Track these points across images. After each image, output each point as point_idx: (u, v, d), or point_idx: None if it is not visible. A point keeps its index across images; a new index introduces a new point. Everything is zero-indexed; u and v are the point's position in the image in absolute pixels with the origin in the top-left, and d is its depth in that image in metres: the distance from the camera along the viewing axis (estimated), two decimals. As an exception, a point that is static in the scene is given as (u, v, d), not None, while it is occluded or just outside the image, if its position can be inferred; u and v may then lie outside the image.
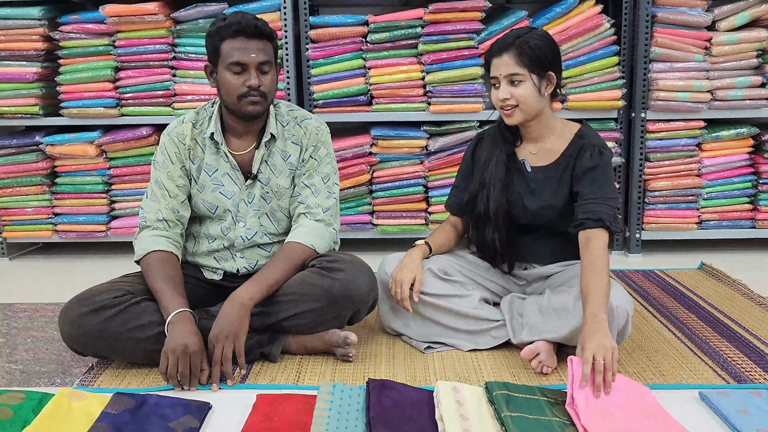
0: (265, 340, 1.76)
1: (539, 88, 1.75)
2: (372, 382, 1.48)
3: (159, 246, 1.76)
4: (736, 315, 2.06)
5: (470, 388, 1.48)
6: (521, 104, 1.76)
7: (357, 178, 2.80)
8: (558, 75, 1.79)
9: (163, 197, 1.81)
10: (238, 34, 1.70)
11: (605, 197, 1.73)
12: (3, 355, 1.85)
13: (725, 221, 2.82)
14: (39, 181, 2.83)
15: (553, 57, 1.76)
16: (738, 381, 1.60)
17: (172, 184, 1.82)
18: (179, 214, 1.83)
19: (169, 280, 1.70)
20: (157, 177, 1.83)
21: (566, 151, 1.82)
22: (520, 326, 1.77)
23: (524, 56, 1.73)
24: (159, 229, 1.80)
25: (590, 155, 1.77)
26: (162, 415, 1.40)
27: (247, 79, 1.70)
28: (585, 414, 1.34)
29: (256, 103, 1.73)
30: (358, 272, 1.73)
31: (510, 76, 1.74)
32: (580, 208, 1.74)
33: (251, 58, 1.70)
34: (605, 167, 1.77)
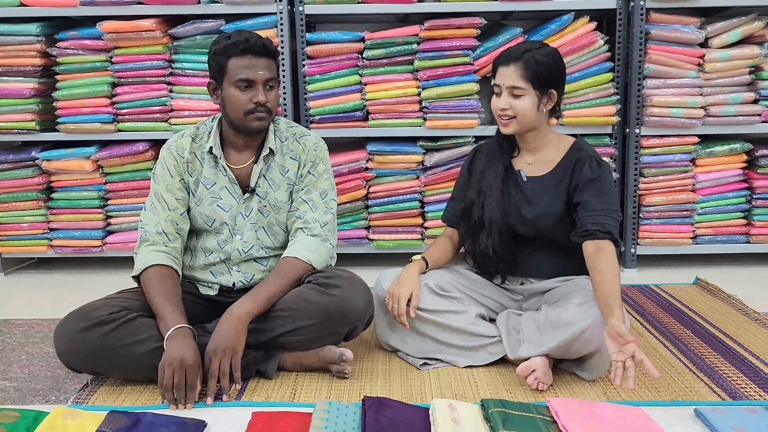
0: (261, 357, 1.75)
1: (539, 104, 1.78)
2: (368, 399, 1.47)
3: (158, 261, 1.76)
4: (731, 331, 2.06)
5: (466, 406, 1.47)
6: (519, 117, 1.78)
7: (353, 193, 2.81)
8: (560, 93, 1.82)
9: (163, 210, 1.82)
10: (246, 52, 1.73)
11: (611, 209, 1.75)
12: (-3, 372, 1.84)
13: (720, 236, 2.83)
14: (35, 196, 2.83)
15: (558, 76, 1.79)
16: (733, 398, 1.61)
17: (171, 197, 1.83)
18: (178, 227, 1.83)
19: (168, 295, 1.70)
20: (156, 190, 1.85)
21: (562, 161, 1.84)
22: (516, 342, 1.77)
23: (529, 71, 1.75)
24: (158, 243, 1.80)
25: (590, 167, 1.79)
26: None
27: (255, 96, 1.73)
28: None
29: (262, 118, 1.76)
30: (355, 289, 1.73)
31: (512, 87, 1.77)
32: (587, 219, 1.74)
33: (259, 75, 1.73)
34: (607, 178, 1.79)
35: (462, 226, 1.95)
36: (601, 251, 1.70)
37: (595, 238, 1.72)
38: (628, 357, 1.48)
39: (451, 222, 2.01)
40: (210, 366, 1.60)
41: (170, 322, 1.63)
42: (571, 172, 1.82)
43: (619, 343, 1.51)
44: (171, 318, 1.64)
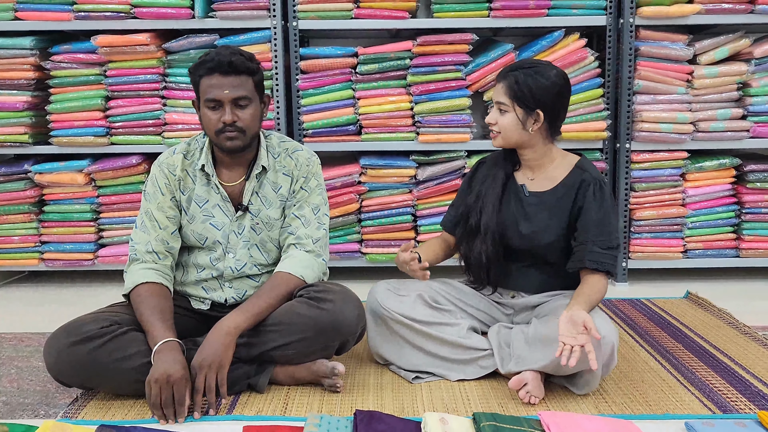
0: (252, 371, 1.75)
1: (523, 123, 1.79)
2: (359, 413, 1.47)
3: (148, 278, 1.76)
4: (721, 344, 2.07)
5: (458, 420, 1.48)
6: (502, 132, 1.82)
7: (346, 207, 2.82)
8: (551, 114, 1.80)
9: (153, 228, 1.82)
10: (213, 71, 1.72)
11: (611, 245, 1.77)
12: (-14, 386, 1.83)
13: (710, 250, 2.85)
14: (26, 209, 2.82)
15: (546, 98, 1.78)
16: (724, 411, 1.61)
17: (162, 216, 1.82)
18: (169, 245, 1.83)
19: (158, 311, 1.69)
20: (147, 208, 1.84)
21: (565, 180, 1.85)
22: (507, 356, 1.78)
23: (511, 89, 1.78)
24: (148, 261, 1.79)
25: (593, 194, 1.80)
26: (147, 448, 1.39)
27: (222, 115, 1.72)
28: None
29: (233, 138, 1.74)
30: (347, 302, 1.73)
31: (498, 103, 1.81)
32: (585, 255, 1.76)
33: (225, 95, 1.71)
34: (609, 205, 1.81)
35: (458, 230, 1.96)
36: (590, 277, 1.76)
37: (589, 271, 1.76)
38: (577, 345, 1.52)
39: (447, 227, 2.02)
40: (196, 380, 1.59)
41: (158, 336, 1.62)
42: (574, 195, 1.82)
43: (577, 330, 1.54)
44: (159, 332, 1.63)
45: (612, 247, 1.77)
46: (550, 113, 1.80)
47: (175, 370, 1.55)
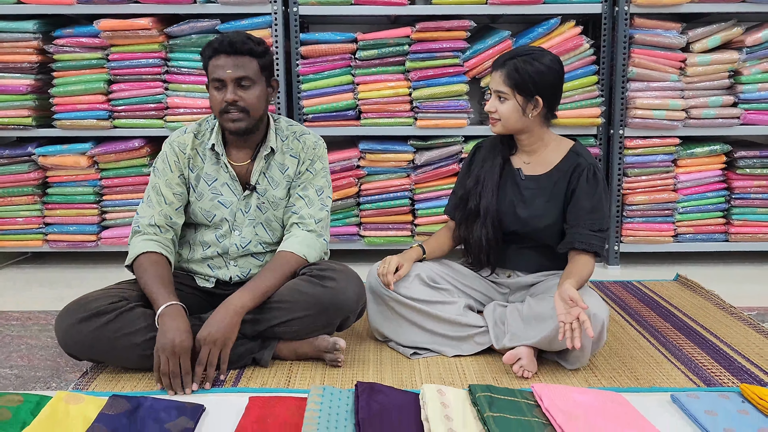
0: (257, 347, 1.81)
1: (523, 109, 1.84)
2: (360, 385, 1.54)
3: (149, 249, 1.81)
4: (708, 324, 2.15)
5: (454, 391, 1.54)
6: (502, 120, 1.86)
7: (345, 191, 2.87)
8: (549, 99, 1.86)
9: (159, 203, 1.87)
10: (218, 52, 1.78)
11: (601, 228, 1.84)
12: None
13: (700, 234, 2.92)
14: (30, 192, 2.86)
15: (545, 84, 1.83)
16: (708, 385, 1.69)
17: (168, 192, 1.88)
18: (172, 221, 1.88)
19: (159, 278, 1.74)
20: (155, 183, 1.89)
21: (560, 164, 1.91)
22: (502, 333, 1.85)
23: (510, 78, 1.83)
24: (150, 234, 1.85)
25: (586, 179, 1.86)
26: (157, 417, 1.45)
27: (226, 95, 1.78)
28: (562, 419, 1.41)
29: (236, 119, 1.79)
30: (348, 281, 1.79)
31: (497, 92, 1.85)
32: (576, 237, 1.83)
33: (227, 74, 1.77)
34: (602, 191, 1.87)
35: (457, 213, 2.01)
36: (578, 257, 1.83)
37: (578, 252, 1.83)
38: (573, 319, 1.58)
39: (451, 214, 2.08)
40: (200, 353, 1.65)
41: (161, 300, 1.67)
42: (568, 179, 1.88)
43: (568, 305, 1.60)
44: (163, 296, 1.68)
45: (601, 230, 1.84)
46: (549, 98, 1.85)
47: (180, 340, 1.60)
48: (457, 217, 2.04)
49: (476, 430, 1.40)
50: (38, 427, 1.36)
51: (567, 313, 1.60)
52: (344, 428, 1.39)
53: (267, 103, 1.87)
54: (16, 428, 1.37)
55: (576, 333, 1.57)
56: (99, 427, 1.38)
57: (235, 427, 1.42)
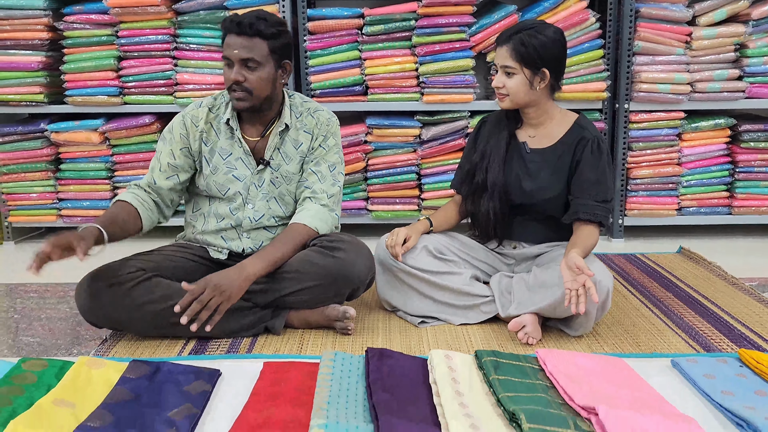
0: (269, 315, 1.87)
1: (531, 83, 1.87)
2: (371, 350, 1.59)
3: (123, 198, 1.87)
4: (710, 294, 2.19)
5: (461, 356, 1.60)
6: (510, 95, 1.89)
7: (353, 166, 2.91)
8: (555, 71, 1.88)
9: (153, 169, 1.94)
10: (229, 31, 1.81)
11: (605, 199, 1.87)
12: (19, 329, 1.95)
13: (703, 208, 2.96)
14: (43, 167, 2.92)
15: (550, 56, 1.85)
16: (707, 351, 1.74)
17: (165, 160, 1.92)
18: (156, 185, 1.92)
19: (107, 214, 1.80)
20: (159, 150, 1.95)
21: (565, 137, 1.94)
22: (508, 302, 1.90)
23: (517, 52, 1.85)
24: (134, 189, 1.91)
25: (591, 151, 1.89)
26: (176, 380, 1.51)
27: (231, 74, 1.81)
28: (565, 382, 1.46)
29: (240, 98, 1.83)
30: (357, 252, 1.84)
31: (504, 67, 1.87)
32: (580, 207, 1.87)
33: (233, 54, 1.80)
34: (606, 162, 1.90)
35: (464, 187, 2.05)
36: (582, 228, 1.87)
37: (583, 223, 1.86)
38: (579, 286, 1.62)
39: (457, 188, 2.12)
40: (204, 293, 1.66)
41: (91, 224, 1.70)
42: (573, 151, 1.92)
43: (575, 273, 1.65)
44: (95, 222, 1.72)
45: (606, 200, 1.88)
46: (555, 70, 1.88)
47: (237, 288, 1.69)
48: (463, 191, 2.08)
49: (482, 392, 1.45)
50: (63, 390, 1.42)
51: (573, 280, 1.65)
52: (356, 391, 1.45)
53: (275, 85, 1.88)
54: (41, 391, 1.43)
55: (581, 299, 1.62)
56: (121, 389, 1.44)
57: (251, 391, 1.48)
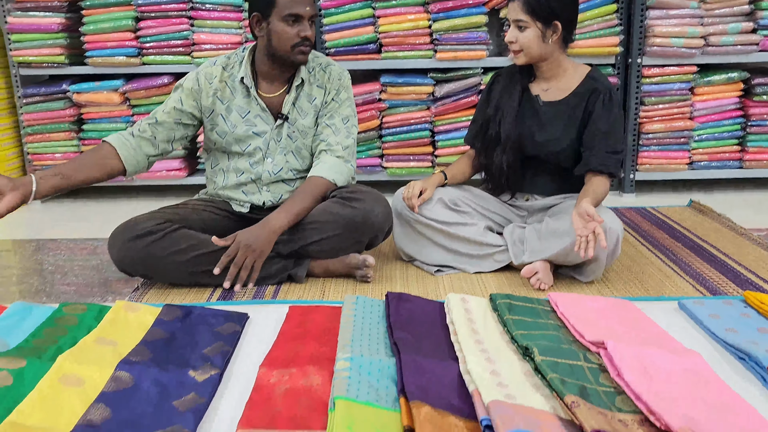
0: (291, 265, 1.95)
1: (543, 36, 1.90)
2: (391, 294, 1.67)
3: (108, 139, 1.94)
4: (718, 243, 2.25)
5: (476, 299, 1.67)
6: (524, 49, 1.92)
7: (367, 124, 2.96)
8: (567, 24, 1.91)
9: (155, 111, 2.01)
10: None
11: (616, 150, 1.92)
12: (55, 280, 2.05)
13: (714, 162, 2.99)
14: (66, 128, 2.99)
15: (562, 8, 1.89)
16: (713, 294, 1.81)
17: (172, 104, 1.99)
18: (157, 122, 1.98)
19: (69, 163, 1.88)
20: (168, 98, 2.02)
21: (577, 89, 1.98)
22: (520, 251, 1.97)
23: (528, 5, 1.88)
24: (127, 131, 1.97)
25: (602, 103, 1.93)
26: (207, 322, 1.60)
27: (302, 30, 1.87)
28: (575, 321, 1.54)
29: (305, 52, 1.91)
30: (375, 202, 1.91)
31: (517, 21, 1.91)
32: (592, 158, 1.92)
33: (306, 11, 1.87)
34: (618, 114, 1.94)
35: (477, 141, 2.11)
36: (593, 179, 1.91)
37: (594, 174, 1.91)
38: (590, 232, 1.69)
39: (471, 142, 2.17)
40: (237, 255, 1.80)
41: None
42: (585, 103, 1.96)
43: (585, 221, 1.71)
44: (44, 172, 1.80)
45: (617, 152, 1.92)
46: (566, 22, 1.91)
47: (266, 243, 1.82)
48: (477, 145, 2.13)
49: (497, 331, 1.53)
50: (103, 330, 1.52)
51: (584, 227, 1.71)
52: (377, 330, 1.54)
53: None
54: (83, 332, 1.53)
55: (591, 244, 1.69)
56: (157, 329, 1.54)
57: (278, 331, 1.57)
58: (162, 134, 1.99)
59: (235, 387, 1.34)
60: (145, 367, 1.34)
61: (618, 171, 1.94)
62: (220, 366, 1.39)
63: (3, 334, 1.51)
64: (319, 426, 1.16)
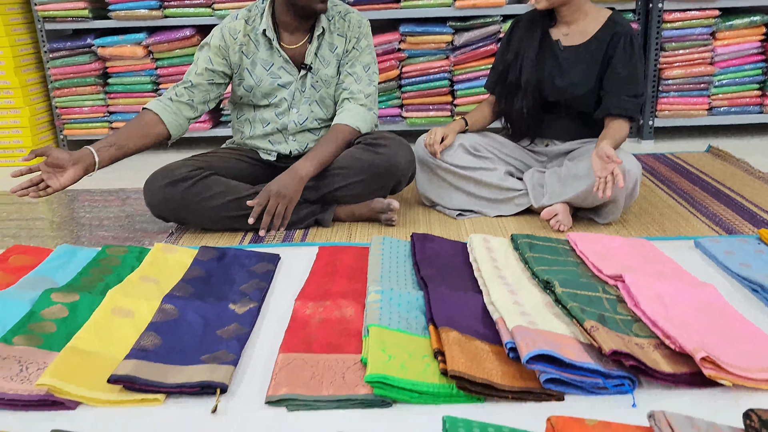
0: (318, 209, 2.03)
1: None
2: (415, 235, 1.74)
3: (149, 107, 1.99)
4: (736, 187, 2.28)
5: (498, 239, 1.74)
6: None
7: (387, 74, 2.98)
8: None
9: (188, 73, 2.04)
10: None
11: (636, 94, 1.94)
12: (93, 225, 2.15)
13: (734, 107, 2.99)
14: (92, 82, 3.05)
15: None
16: (729, 234, 1.85)
17: (203, 65, 2.01)
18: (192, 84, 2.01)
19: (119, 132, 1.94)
20: (195, 58, 2.05)
21: (598, 33, 1.99)
22: (540, 194, 2.02)
23: None
24: (164, 98, 2.01)
25: (623, 47, 1.94)
26: (242, 262, 1.68)
27: None
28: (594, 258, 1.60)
29: (325, 1, 1.92)
30: (399, 148, 1.97)
31: None
32: (612, 102, 1.94)
33: None
34: (637, 61, 1.95)
35: (497, 87, 2.14)
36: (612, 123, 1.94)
37: (614, 118, 1.94)
38: (608, 173, 1.74)
39: (491, 89, 2.20)
40: (269, 204, 1.88)
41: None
42: (606, 47, 1.97)
43: (605, 162, 1.75)
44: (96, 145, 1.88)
45: (637, 95, 1.95)
46: None
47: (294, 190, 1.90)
48: (497, 91, 2.16)
49: (518, 267, 1.60)
50: (146, 269, 1.61)
51: (603, 168, 1.76)
52: (404, 267, 1.61)
53: None
54: (126, 271, 1.62)
55: (609, 185, 1.74)
56: (196, 268, 1.63)
57: (309, 270, 1.65)
58: (198, 96, 2.03)
59: (273, 319, 1.43)
60: (189, 301, 1.43)
61: (637, 115, 1.97)
62: (257, 300, 1.48)
63: (51, 273, 1.61)
64: (354, 350, 1.24)
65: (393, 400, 1.11)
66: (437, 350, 1.20)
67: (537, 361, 1.12)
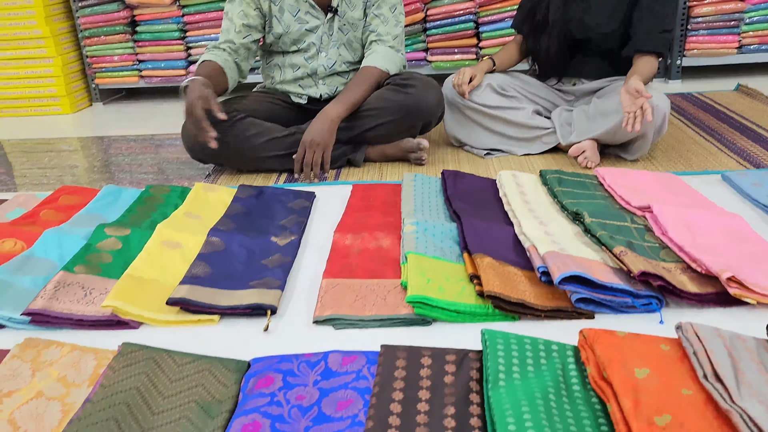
0: (350, 150, 2.08)
1: None
2: (446, 171, 1.79)
3: (209, 58, 2.00)
4: (764, 123, 2.28)
5: (527, 175, 1.78)
6: None
7: (412, 17, 2.97)
8: None
9: (227, 31, 2.03)
10: None
11: (665, 29, 1.93)
12: (132, 169, 2.23)
13: (765, 45, 2.94)
14: (121, 30, 3.09)
15: None
16: (757, 167, 1.87)
17: (239, 21, 2.01)
18: (236, 45, 2.02)
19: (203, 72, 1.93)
20: (228, 11, 2.05)
21: None
22: (568, 132, 2.05)
23: None
24: (215, 50, 2.02)
25: None
26: (280, 199, 1.75)
27: None
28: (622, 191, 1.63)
29: None
30: (428, 88, 2.00)
31: None
32: (639, 37, 1.94)
33: None
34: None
35: (525, 26, 2.14)
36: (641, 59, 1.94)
37: (642, 54, 1.93)
38: (637, 108, 1.75)
39: (518, 28, 2.20)
40: (306, 154, 1.92)
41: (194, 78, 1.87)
42: None
43: (634, 97, 1.77)
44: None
45: (666, 30, 1.94)
46: None
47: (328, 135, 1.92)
48: (524, 30, 2.16)
49: (547, 201, 1.64)
50: (189, 207, 1.68)
51: (632, 103, 1.77)
52: (436, 202, 1.66)
53: None
54: (170, 208, 1.70)
55: (638, 119, 1.76)
56: (236, 205, 1.70)
57: (345, 206, 1.71)
58: (245, 54, 2.05)
59: (313, 251, 1.50)
60: (233, 234, 1.50)
61: (666, 51, 1.97)
62: (297, 233, 1.55)
63: (101, 211, 1.69)
64: (393, 276, 1.32)
65: (433, 319, 1.18)
66: (472, 275, 1.26)
67: (568, 283, 1.18)
